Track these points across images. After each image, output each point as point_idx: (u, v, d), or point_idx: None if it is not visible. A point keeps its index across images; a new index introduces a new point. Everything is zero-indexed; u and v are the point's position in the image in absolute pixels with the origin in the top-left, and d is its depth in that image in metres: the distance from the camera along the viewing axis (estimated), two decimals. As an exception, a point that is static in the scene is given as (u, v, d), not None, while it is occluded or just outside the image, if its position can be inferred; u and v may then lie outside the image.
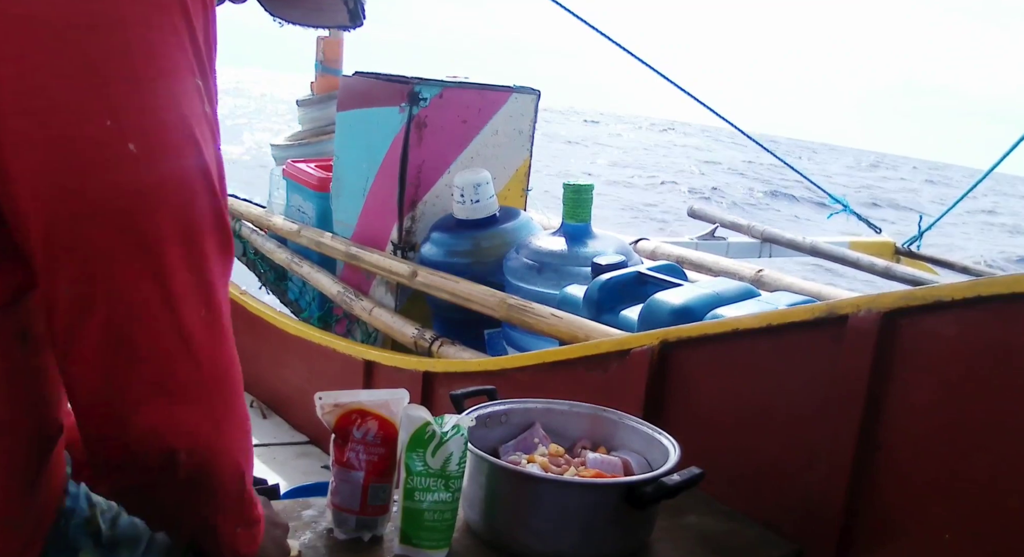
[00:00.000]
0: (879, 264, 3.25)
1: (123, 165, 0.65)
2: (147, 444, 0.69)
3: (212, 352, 0.72)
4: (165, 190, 0.68)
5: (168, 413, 0.69)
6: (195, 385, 0.71)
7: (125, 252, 0.66)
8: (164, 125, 0.68)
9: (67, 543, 0.83)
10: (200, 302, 0.70)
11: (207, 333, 0.71)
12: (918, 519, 1.23)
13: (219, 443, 0.74)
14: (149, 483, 0.73)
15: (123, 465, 0.71)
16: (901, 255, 3.98)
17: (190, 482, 0.74)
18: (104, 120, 0.65)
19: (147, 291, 0.67)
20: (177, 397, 0.69)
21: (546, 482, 1.16)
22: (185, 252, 0.69)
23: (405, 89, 2.55)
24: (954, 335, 1.19)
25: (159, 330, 0.68)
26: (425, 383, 2.25)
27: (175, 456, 0.70)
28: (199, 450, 0.72)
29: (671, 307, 1.74)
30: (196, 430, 0.71)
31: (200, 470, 0.73)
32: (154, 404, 0.68)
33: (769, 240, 3.82)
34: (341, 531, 1.12)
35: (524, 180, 2.86)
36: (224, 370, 0.74)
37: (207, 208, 0.72)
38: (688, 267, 2.52)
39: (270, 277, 3.50)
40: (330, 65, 3.80)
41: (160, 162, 0.67)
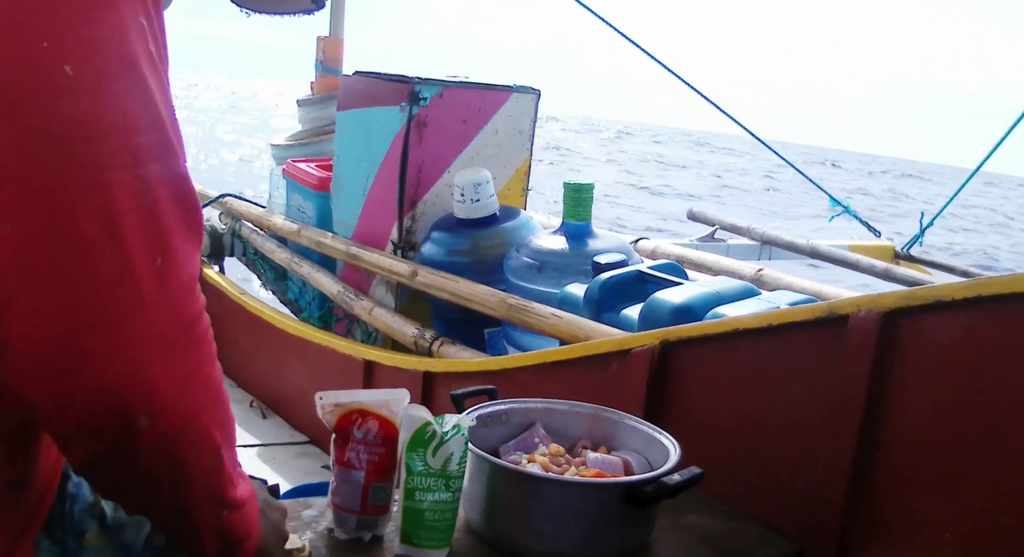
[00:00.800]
0: (879, 266, 3.26)
1: (60, 91, 0.61)
2: (100, 404, 0.63)
3: (169, 303, 0.66)
4: (109, 121, 0.63)
5: (123, 368, 0.63)
6: (150, 338, 0.64)
7: (67, 185, 0.61)
8: (105, 53, 0.63)
9: (73, 525, 0.83)
10: (154, 250, 0.65)
11: (162, 283, 0.65)
12: (918, 519, 1.23)
13: (185, 408, 0.68)
14: (109, 454, 0.67)
15: (79, 434, 0.65)
16: (900, 258, 3.98)
17: (155, 453, 0.68)
18: (40, 42, 0.60)
19: (92, 230, 0.62)
20: (131, 350, 0.63)
21: (547, 482, 1.16)
22: (134, 193, 0.64)
23: (405, 89, 2.55)
24: (954, 335, 1.19)
25: (107, 273, 0.62)
26: (425, 383, 2.25)
27: (133, 419, 0.64)
28: (161, 414, 0.66)
29: (672, 306, 1.74)
30: (154, 389, 0.65)
31: (165, 438, 0.67)
32: (105, 358, 0.63)
33: (769, 242, 3.82)
34: (342, 531, 1.12)
35: (524, 179, 2.86)
36: (185, 326, 0.67)
37: (159, 150, 0.66)
38: (688, 266, 2.52)
39: (270, 277, 3.50)
40: (330, 65, 3.80)
41: (99, 91, 0.63)
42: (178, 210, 0.68)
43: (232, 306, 3.33)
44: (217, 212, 3.83)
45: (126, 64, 0.65)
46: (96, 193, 0.62)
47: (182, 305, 0.67)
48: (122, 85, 0.64)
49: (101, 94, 0.63)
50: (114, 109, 0.64)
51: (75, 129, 0.62)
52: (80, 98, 0.62)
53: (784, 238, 3.78)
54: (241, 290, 3.43)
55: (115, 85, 0.64)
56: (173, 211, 0.67)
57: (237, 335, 3.30)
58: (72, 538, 0.83)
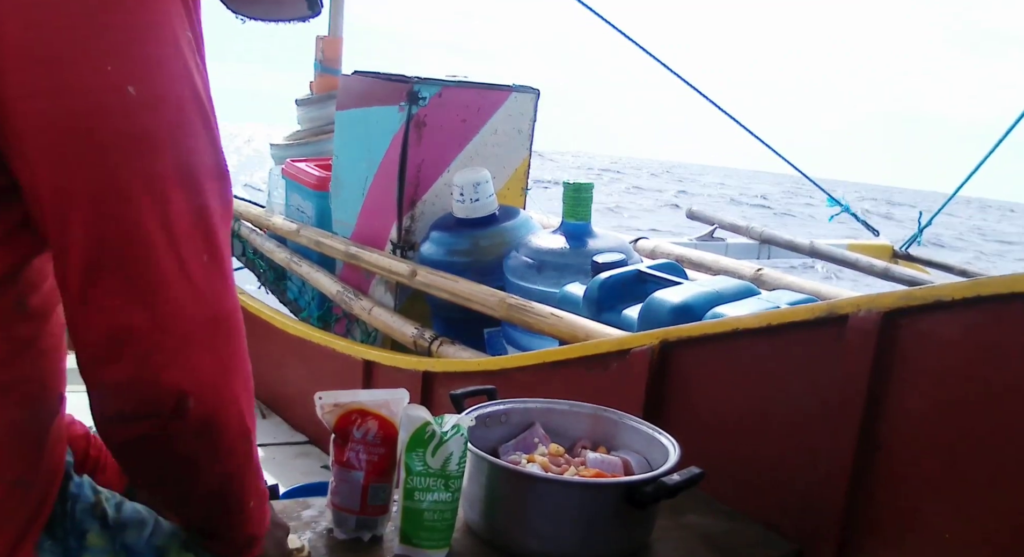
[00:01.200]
0: (877, 265, 3.26)
1: (125, 109, 0.67)
2: (157, 387, 0.69)
3: (215, 295, 0.72)
4: (167, 134, 0.70)
5: (176, 355, 0.70)
6: (201, 327, 0.71)
7: (131, 194, 0.68)
8: (163, 71, 0.70)
9: (75, 525, 0.84)
10: (202, 247, 0.71)
11: (211, 278, 0.72)
12: (918, 519, 1.23)
13: (227, 390, 0.74)
14: (160, 433, 0.72)
15: (134, 415, 0.71)
16: (899, 258, 3.99)
17: (198, 435, 0.73)
18: (105, 65, 0.66)
19: (154, 235, 0.68)
20: (185, 339, 0.70)
21: (546, 482, 1.16)
22: (188, 196, 0.71)
23: (404, 88, 2.54)
24: (954, 335, 1.19)
25: (164, 271, 0.69)
26: (425, 383, 2.25)
27: (185, 400, 0.70)
28: (207, 396, 0.72)
29: (671, 305, 1.74)
30: (205, 372, 0.72)
31: (210, 418, 0.73)
32: (162, 346, 0.69)
33: (768, 241, 3.82)
34: (341, 531, 1.12)
35: (523, 179, 2.86)
36: (228, 314, 0.74)
37: (208, 155, 0.73)
38: (688, 266, 2.52)
39: (269, 277, 3.50)
40: (329, 65, 3.80)
41: (160, 105, 0.69)
42: (219, 207, 0.74)
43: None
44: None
45: (182, 77, 0.71)
46: (157, 200, 0.69)
47: (224, 296, 0.74)
48: (180, 97, 0.71)
49: (162, 108, 0.69)
50: (173, 120, 0.70)
51: (140, 142, 0.68)
52: (144, 114, 0.68)
53: (783, 237, 3.78)
54: (240, 290, 3.43)
55: (174, 98, 0.70)
56: (216, 209, 0.74)
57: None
58: (73, 538, 0.84)
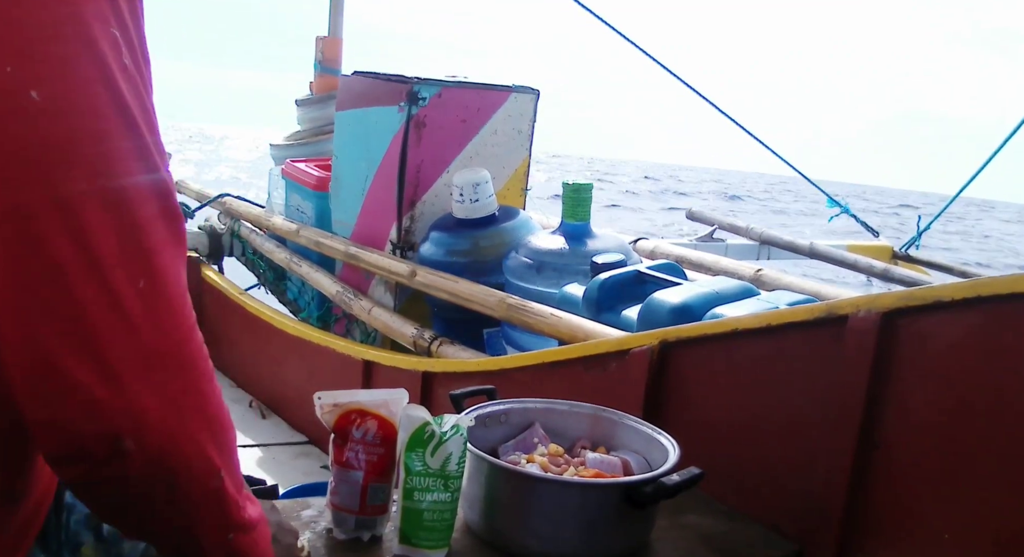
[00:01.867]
0: (877, 266, 3.26)
1: (28, 115, 0.60)
2: (86, 428, 0.62)
3: (156, 325, 0.64)
4: (79, 142, 0.61)
5: (106, 392, 0.62)
6: (136, 361, 0.63)
7: (40, 209, 0.60)
8: (74, 73, 0.61)
9: (69, 536, 0.83)
10: (136, 271, 0.64)
11: (148, 304, 0.64)
12: (918, 519, 1.23)
13: (177, 430, 0.66)
14: (100, 478, 0.65)
15: (69, 456, 0.64)
16: (899, 259, 3.99)
17: (148, 478, 0.66)
18: (3, 67, 0.59)
19: (67, 254, 0.61)
20: (115, 374, 0.62)
21: (546, 482, 1.16)
22: (111, 215, 0.62)
23: (404, 89, 2.54)
24: (954, 335, 1.19)
25: (82, 297, 0.61)
26: (424, 383, 2.25)
27: (120, 443, 0.63)
28: (152, 435, 0.64)
29: (671, 306, 1.74)
30: (143, 410, 0.63)
31: (158, 464, 0.65)
32: (88, 382, 0.62)
33: (767, 242, 3.83)
34: (340, 531, 1.12)
35: (523, 179, 2.86)
36: (175, 346, 0.66)
37: (136, 169, 0.64)
38: (687, 266, 2.52)
39: (269, 277, 3.50)
40: (329, 65, 3.80)
41: (71, 112, 0.61)
42: (160, 226, 0.66)
43: (231, 306, 3.33)
44: (216, 212, 3.83)
45: (96, 80, 0.63)
46: (70, 218, 0.61)
47: (170, 325, 0.66)
48: (93, 103, 0.62)
49: (70, 115, 0.61)
50: (85, 128, 0.62)
51: (44, 153, 0.60)
52: (48, 121, 0.61)
53: (783, 238, 3.78)
54: (240, 290, 3.43)
55: (85, 104, 0.62)
56: (155, 228, 0.66)
57: (236, 335, 3.30)
58: (67, 551, 0.83)
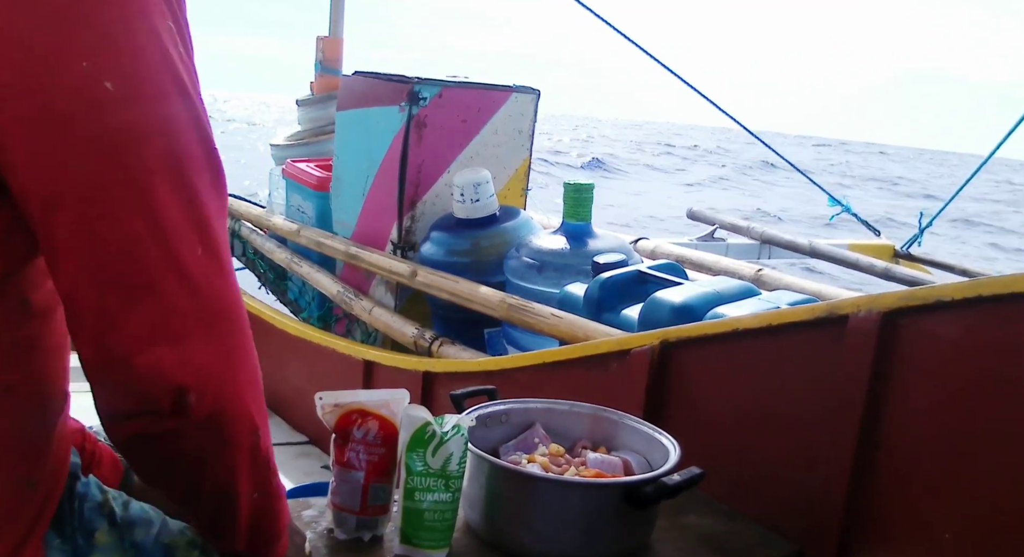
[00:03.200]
0: (878, 265, 3.26)
1: (103, 105, 0.66)
2: (155, 384, 0.68)
3: (212, 288, 0.71)
4: (148, 126, 0.68)
5: (172, 350, 0.68)
6: (197, 321, 0.70)
7: (114, 190, 0.67)
8: (142, 62, 0.68)
9: (83, 523, 0.85)
10: (195, 239, 0.70)
11: (205, 269, 0.71)
12: (918, 519, 1.23)
13: (231, 384, 0.73)
14: (161, 430, 0.71)
15: (136, 412, 0.70)
16: (900, 258, 3.99)
17: (203, 431, 0.72)
18: (80, 62, 0.65)
19: (139, 227, 0.67)
20: (180, 334, 0.69)
21: (546, 482, 1.16)
22: (175, 188, 0.69)
23: (405, 89, 2.54)
24: (954, 335, 1.19)
25: (153, 266, 0.68)
26: (425, 383, 2.25)
27: (186, 396, 0.69)
28: (211, 389, 0.71)
29: (671, 305, 1.74)
30: (204, 366, 0.70)
31: (214, 413, 0.72)
32: (157, 342, 0.68)
33: (768, 241, 3.82)
34: (341, 531, 1.12)
35: (524, 180, 2.86)
36: (227, 307, 0.73)
37: (195, 145, 0.71)
38: (688, 266, 2.52)
39: (270, 277, 3.50)
40: (329, 65, 3.80)
41: (140, 99, 0.68)
42: (213, 195, 0.73)
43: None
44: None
45: (162, 68, 0.69)
46: (143, 196, 0.67)
47: (223, 288, 0.72)
48: (160, 89, 0.69)
49: (142, 102, 0.68)
50: (155, 114, 0.69)
51: (120, 137, 0.67)
52: (123, 109, 0.67)
53: (784, 237, 3.78)
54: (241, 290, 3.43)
55: (154, 91, 0.69)
56: (210, 198, 0.72)
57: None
58: (82, 537, 0.84)
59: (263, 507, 0.84)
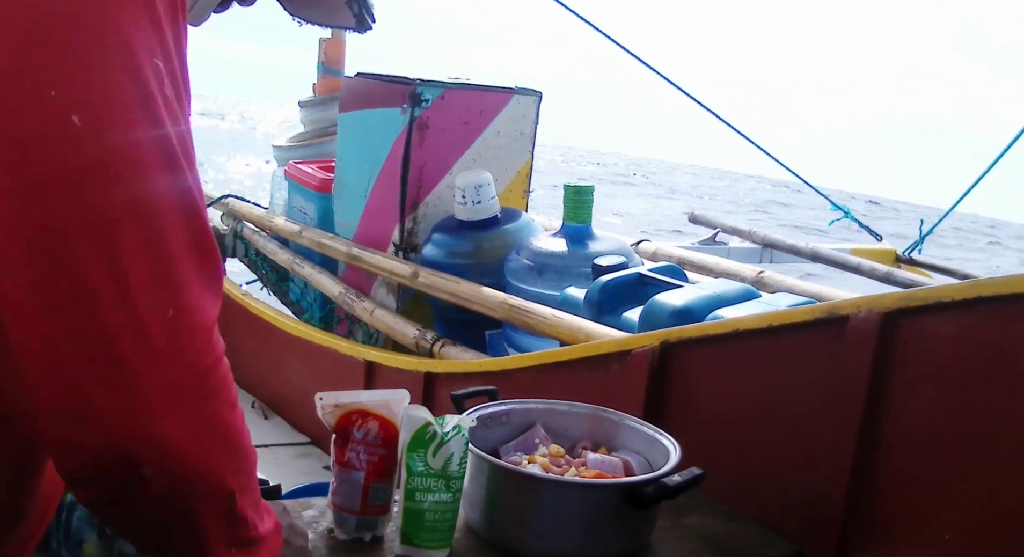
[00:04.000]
0: (880, 270, 3.25)
1: (67, 139, 0.60)
2: (105, 452, 0.62)
3: (182, 356, 0.64)
4: (117, 170, 0.61)
5: (131, 420, 0.62)
6: (161, 391, 0.63)
7: (76, 233, 0.60)
8: (116, 98, 0.61)
9: (71, 534, 0.84)
10: (165, 300, 0.63)
11: (175, 335, 0.63)
12: (918, 519, 1.23)
13: (197, 460, 0.66)
14: (116, 500, 0.66)
15: (87, 477, 0.65)
16: (902, 262, 3.98)
17: (163, 503, 0.67)
18: (48, 90, 0.59)
19: (100, 280, 0.60)
20: (141, 403, 0.62)
21: (547, 482, 1.16)
22: (145, 243, 0.62)
23: (407, 90, 2.55)
24: (954, 336, 1.19)
25: (113, 326, 0.61)
26: (426, 384, 2.25)
27: (139, 469, 0.63)
28: (170, 466, 0.65)
29: (672, 308, 1.74)
30: (164, 441, 0.63)
31: (174, 491, 0.66)
32: (114, 412, 0.61)
33: (770, 246, 3.82)
34: (342, 531, 1.13)
35: (525, 182, 2.87)
36: (200, 376, 0.66)
37: (172, 196, 0.65)
38: (689, 269, 2.52)
39: (272, 278, 3.51)
40: (332, 66, 3.80)
41: (110, 139, 0.61)
42: (191, 258, 0.66)
43: (234, 307, 3.34)
44: (219, 213, 3.83)
45: (137, 108, 0.63)
46: (105, 244, 0.61)
47: (196, 356, 0.65)
48: (133, 131, 0.63)
49: (111, 142, 0.61)
50: (125, 156, 0.62)
51: (83, 178, 0.60)
52: (89, 147, 0.61)
53: (785, 241, 3.78)
54: (243, 291, 3.44)
55: (127, 132, 0.62)
56: (186, 260, 0.65)
57: (239, 336, 3.30)
58: (68, 549, 0.83)
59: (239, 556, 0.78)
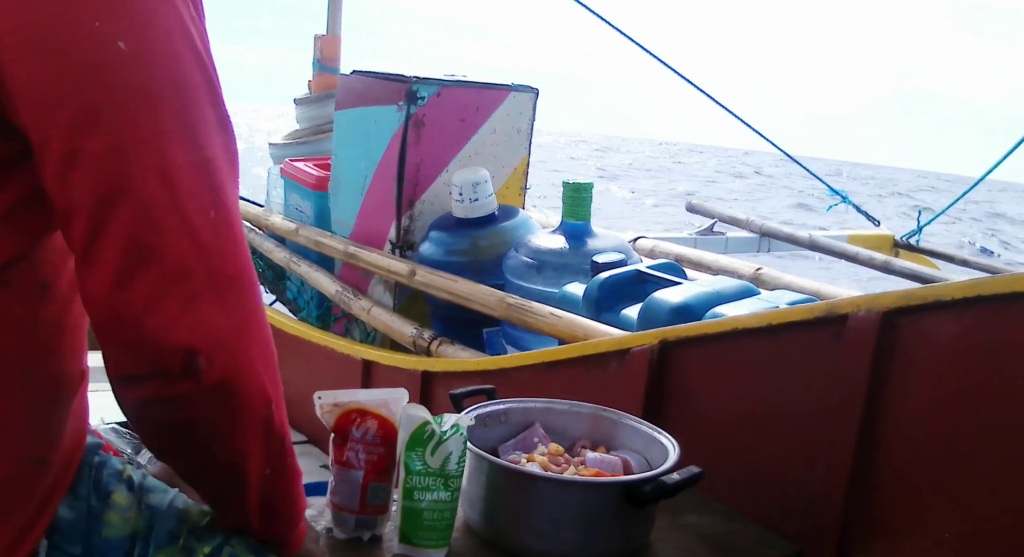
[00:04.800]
0: (878, 258, 3.26)
1: (117, 65, 0.67)
2: (164, 346, 0.68)
3: (224, 253, 0.71)
4: (162, 88, 0.68)
5: (182, 312, 0.68)
6: (208, 285, 0.69)
7: (130, 151, 0.67)
8: (155, 25, 0.69)
9: (100, 486, 0.86)
10: (208, 203, 0.70)
11: (217, 233, 0.70)
12: (918, 519, 1.23)
13: (243, 352, 0.72)
14: (170, 396, 0.71)
15: (144, 374, 0.70)
16: (900, 248, 3.98)
17: (216, 394, 0.72)
18: (92, 22, 0.66)
19: (154, 189, 0.67)
20: (191, 296, 0.68)
21: (546, 481, 1.16)
22: (189, 151, 0.69)
23: (403, 88, 2.54)
24: (954, 334, 1.19)
25: (166, 228, 0.68)
26: (424, 382, 2.25)
27: (195, 359, 0.69)
28: (221, 354, 0.70)
29: (671, 305, 1.74)
30: (215, 331, 0.70)
31: (225, 380, 0.71)
32: (167, 303, 0.68)
33: (768, 235, 3.82)
34: (340, 530, 1.12)
35: (522, 179, 2.86)
36: (239, 273, 0.72)
37: (208, 109, 0.72)
38: (687, 265, 2.52)
39: (268, 276, 3.50)
40: (327, 63, 3.80)
41: (153, 60, 0.68)
42: (225, 161, 0.73)
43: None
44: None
45: (174, 31, 0.70)
46: (156, 156, 0.67)
47: (235, 252, 0.72)
48: (174, 51, 0.70)
49: (155, 63, 0.68)
50: (166, 75, 0.69)
51: (134, 98, 0.67)
52: (136, 69, 0.67)
53: (783, 230, 3.78)
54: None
55: (167, 52, 0.69)
56: (221, 164, 0.72)
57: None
58: (97, 497, 0.86)
59: (276, 487, 0.83)
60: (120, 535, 0.85)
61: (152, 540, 0.86)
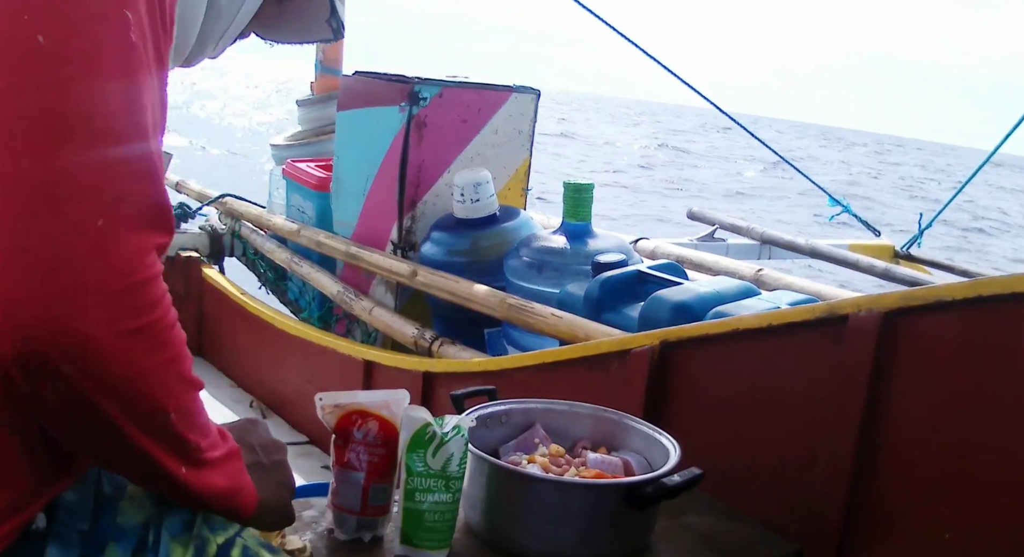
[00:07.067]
0: (878, 266, 3.26)
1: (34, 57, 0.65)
2: (23, 345, 0.65)
3: (109, 265, 0.68)
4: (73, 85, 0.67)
5: (49, 314, 0.65)
6: (82, 292, 0.66)
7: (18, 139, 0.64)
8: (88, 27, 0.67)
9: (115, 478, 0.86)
10: (98, 211, 0.67)
11: (104, 243, 0.67)
12: (918, 519, 1.23)
13: (125, 364, 0.69)
14: (39, 396, 0.68)
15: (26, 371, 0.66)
16: (900, 258, 3.99)
17: (103, 401, 0.69)
18: (22, 15, 0.64)
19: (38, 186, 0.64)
20: (59, 299, 0.65)
21: (546, 482, 1.16)
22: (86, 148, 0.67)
23: (405, 89, 2.55)
24: (954, 335, 1.19)
25: (47, 227, 0.65)
26: (425, 383, 2.25)
27: (58, 368, 0.66)
28: (97, 365, 0.67)
29: (672, 305, 1.74)
30: (87, 340, 0.66)
31: (110, 390, 0.69)
32: (34, 301, 0.65)
33: (768, 242, 3.83)
34: (342, 532, 1.12)
35: (524, 179, 2.86)
36: (130, 287, 0.69)
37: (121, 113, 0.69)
38: (688, 266, 2.52)
39: (270, 277, 3.50)
40: (330, 65, 3.80)
41: (73, 59, 0.66)
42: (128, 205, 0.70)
43: (232, 306, 3.33)
44: (216, 212, 3.83)
45: (111, 33, 0.68)
46: (48, 154, 0.65)
47: (126, 268, 0.69)
48: (101, 51, 0.67)
49: (74, 61, 0.66)
50: (83, 72, 0.67)
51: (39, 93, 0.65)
52: (54, 65, 0.65)
53: (784, 238, 3.78)
54: (241, 290, 3.43)
55: (91, 51, 0.67)
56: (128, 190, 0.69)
57: (237, 335, 3.30)
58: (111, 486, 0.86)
59: (190, 478, 0.79)
60: (134, 523, 0.85)
61: (166, 528, 0.86)
